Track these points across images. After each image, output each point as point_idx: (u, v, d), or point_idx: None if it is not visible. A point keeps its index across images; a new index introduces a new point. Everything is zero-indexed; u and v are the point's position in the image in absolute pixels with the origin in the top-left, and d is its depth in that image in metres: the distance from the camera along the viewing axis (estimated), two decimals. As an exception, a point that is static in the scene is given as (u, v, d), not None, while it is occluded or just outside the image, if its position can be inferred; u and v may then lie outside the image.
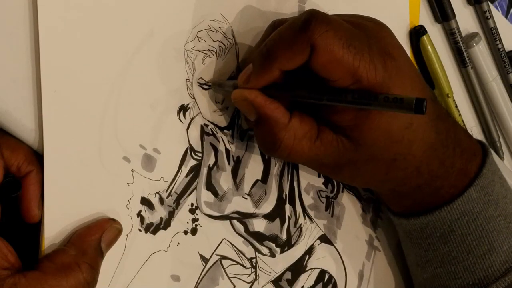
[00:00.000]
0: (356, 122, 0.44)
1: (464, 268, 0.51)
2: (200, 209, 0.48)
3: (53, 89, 0.41)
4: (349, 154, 0.46)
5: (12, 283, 0.38)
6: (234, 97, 0.46)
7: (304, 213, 0.53)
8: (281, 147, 0.45)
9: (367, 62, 0.43)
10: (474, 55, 0.66)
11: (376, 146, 0.45)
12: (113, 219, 0.43)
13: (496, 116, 0.69)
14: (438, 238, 0.51)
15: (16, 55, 0.40)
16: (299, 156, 0.46)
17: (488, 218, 0.50)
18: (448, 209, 0.50)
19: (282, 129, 0.45)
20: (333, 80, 0.43)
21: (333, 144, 0.46)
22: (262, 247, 0.51)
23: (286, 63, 0.43)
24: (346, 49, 0.42)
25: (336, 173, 0.50)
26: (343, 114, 0.45)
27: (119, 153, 0.44)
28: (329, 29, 0.42)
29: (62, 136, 0.42)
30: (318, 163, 0.48)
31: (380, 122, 0.44)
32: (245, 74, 0.45)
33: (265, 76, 0.44)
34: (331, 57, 0.42)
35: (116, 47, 0.44)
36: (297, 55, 0.43)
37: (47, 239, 0.41)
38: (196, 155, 0.48)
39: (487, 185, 0.50)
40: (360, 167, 0.47)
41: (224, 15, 0.49)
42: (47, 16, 0.41)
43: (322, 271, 0.54)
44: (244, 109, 0.46)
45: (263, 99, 0.45)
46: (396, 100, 0.40)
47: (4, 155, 0.40)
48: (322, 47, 0.42)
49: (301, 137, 0.45)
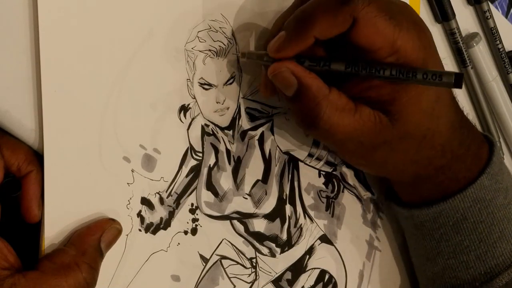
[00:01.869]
0: (392, 96, 0.45)
1: (476, 257, 0.51)
2: (200, 209, 0.48)
3: (53, 89, 0.41)
4: (386, 131, 0.46)
5: (12, 283, 0.38)
6: (273, 69, 0.45)
7: (305, 213, 0.53)
8: (323, 119, 0.45)
9: (405, 34, 0.44)
10: (474, 55, 0.66)
11: (411, 120, 0.46)
12: (113, 219, 0.43)
13: (496, 116, 0.69)
14: (451, 227, 0.51)
15: (16, 55, 0.40)
16: (340, 130, 0.46)
17: (499, 206, 0.51)
18: (461, 196, 0.50)
19: (323, 99, 0.45)
20: (373, 51, 0.44)
21: (371, 119, 0.46)
22: (262, 247, 0.51)
23: (324, 31, 0.44)
24: (388, 20, 0.43)
25: (370, 154, 0.49)
26: (379, 89, 0.45)
27: (119, 153, 0.44)
28: (372, 1, 0.43)
29: (62, 136, 0.42)
30: (356, 140, 0.47)
31: (415, 95, 0.45)
32: (277, 42, 0.45)
33: (299, 43, 0.44)
34: (374, 29, 0.43)
35: (116, 47, 0.44)
36: (337, 25, 0.43)
37: (47, 239, 0.41)
38: (196, 155, 0.48)
39: (497, 173, 0.51)
40: (394, 146, 0.48)
41: (224, 15, 0.49)
42: (47, 16, 0.41)
43: (323, 271, 0.54)
44: (283, 82, 0.46)
45: (302, 69, 0.45)
46: (435, 75, 0.41)
47: (4, 155, 0.40)
48: (366, 19, 0.43)
49: (342, 108, 0.45)
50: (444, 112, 0.48)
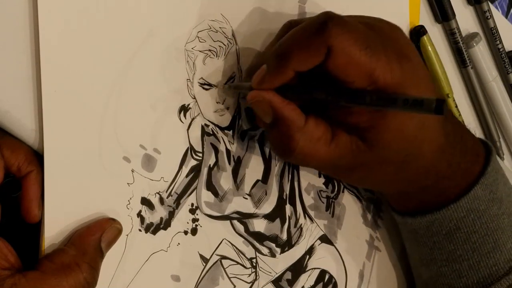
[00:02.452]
0: (371, 123, 0.44)
1: (469, 267, 0.51)
2: (200, 209, 0.48)
3: (53, 89, 0.41)
4: (363, 156, 0.46)
5: (12, 283, 0.38)
6: (250, 98, 0.46)
7: (305, 213, 0.53)
8: (296, 150, 0.45)
9: (384, 63, 0.43)
10: (474, 55, 0.66)
11: (390, 147, 0.45)
12: (113, 219, 0.43)
13: (496, 116, 0.69)
14: (444, 236, 0.51)
15: (16, 55, 0.40)
16: (314, 160, 0.46)
17: (493, 216, 0.50)
18: (455, 207, 0.50)
19: (298, 131, 0.45)
20: (350, 82, 0.43)
21: (347, 146, 0.46)
22: (262, 247, 0.51)
23: (301, 64, 0.43)
24: (363, 51, 0.42)
25: (347, 176, 0.50)
26: (358, 116, 0.45)
27: (119, 153, 0.44)
28: (345, 31, 0.42)
29: (62, 136, 0.42)
30: (332, 166, 0.47)
31: (395, 123, 0.45)
32: (260, 75, 0.45)
33: (279, 77, 0.44)
34: (348, 59, 0.42)
35: (116, 47, 0.44)
36: (313, 57, 0.43)
37: (47, 239, 0.41)
38: (196, 155, 0.48)
39: (491, 183, 0.50)
40: (372, 169, 0.47)
41: (224, 15, 0.49)
42: (47, 16, 0.41)
43: (323, 271, 0.54)
44: (261, 111, 0.46)
45: (280, 99, 0.45)
46: (415, 102, 0.39)
47: (4, 155, 0.40)
48: (339, 49, 0.42)
49: (316, 140, 0.45)
50: (430, 137, 0.47)
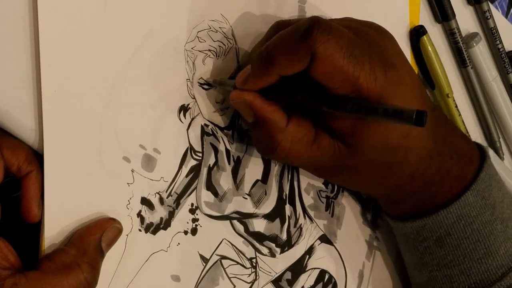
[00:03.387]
0: (354, 129, 0.44)
1: (460, 272, 0.51)
2: (200, 209, 0.48)
3: (53, 89, 0.41)
4: (346, 160, 0.46)
5: (12, 283, 0.38)
6: (232, 98, 0.46)
7: (304, 213, 0.53)
8: (277, 150, 0.45)
9: (368, 72, 0.42)
10: (474, 55, 0.66)
11: (373, 153, 0.45)
12: (113, 218, 0.43)
13: (496, 116, 0.69)
14: (434, 242, 0.51)
15: (16, 55, 0.40)
16: (295, 159, 0.46)
17: (485, 223, 0.50)
18: (445, 213, 0.49)
19: (279, 132, 0.45)
20: (333, 88, 0.43)
21: (330, 149, 0.46)
22: (262, 247, 0.51)
23: (285, 69, 0.43)
24: (347, 59, 0.42)
25: (331, 176, 0.50)
26: (341, 121, 0.45)
27: (119, 153, 0.44)
28: (330, 38, 0.42)
29: (62, 136, 0.42)
30: (314, 166, 0.48)
31: (378, 131, 0.44)
32: (243, 75, 0.45)
33: (263, 79, 0.44)
34: (331, 66, 0.42)
35: (116, 47, 0.44)
36: (296, 62, 0.42)
37: (47, 239, 0.41)
38: (196, 155, 0.48)
39: (484, 189, 0.50)
40: (356, 172, 0.47)
41: (224, 15, 0.49)
42: (47, 16, 0.41)
43: (322, 271, 0.54)
44: (242, 111, 0.46)
45: (261, 101, 0.45)
46: (395, 112, 0.39)
47: (4, 155, 0.40)
48: (323, 56, 0.41)
49: (298, 141, 0.45)
50: (416, 144, 0.47)
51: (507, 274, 0.50)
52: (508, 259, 0.50)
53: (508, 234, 0.51)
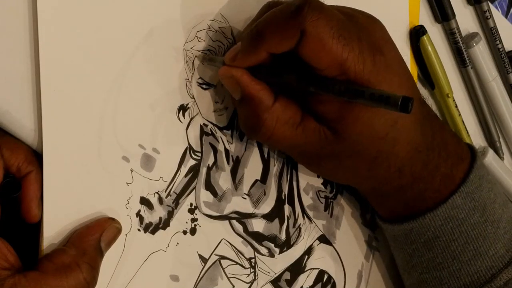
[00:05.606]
0: (340, 114, 0.44)
1: (450, 274, 0.50)
2: (199, 209, 0.48)
3: (53, 89, 0.41)
4: (331, 147, 0.46)
5: (12, 283, 0.38)
6: (220, 74, 0.46)
7: (303, 213, 0.53)
8: (262, 129, 0.45)
9: (356, 55, 0.42)
10: (474, 55, 0.66)
11: (359, 141, 0.45)
12: (112, 218, 0.43)
13: (496, 116, 0.69)
14: (422, 244, 0.51)
15: (16, 55, 0.40)
16: (279, 141, 0.46)
17: (474, 224, 0.49)
18: (432, 215, 0.49)
19: (265, 111, 0.45)
20: (320, 69, 0.43)
21: (315, 134, 0.45)
22: (261, 247, 0.51)
23: (274, 46, 0.43)
24: (336, 39, 0.42)
25: (317, 164, 0.49)
26: (328, 105, 0.44)
27: (118, 153, 0.44)
28: (320, 17, 0.42)
29: (61, 136, 0.42)
30: (298, 150, 0.47)
31: (364, 117, 0.44)
32: (233, 51, 0.45)
33: (252, 57, 0.44)
34: (320, 45, 0.42)
35: (115, 47, 0.44)
36: (286, 40, 0.42)
37: (46, 239, 0.41)
38: (195, 155, 0.48)
39: (473, 191, 0.49)
40: (342, 161, 0.47)
41: (223, 15, 0.49)
42: (46, 16, 0.41)
43: (321, 271, 0.54)
44: (230, 87, 0.46)
45: (249, 79, 0.45)
46: (382, 97, 0.39)
47: (4, 155, 0.40)
48: (312, 34, 0.41)
49: (283, 122, 0.45)
50: (403, 136, 0.46)
51: (497, 275, 0.49)
52: (498, 261, 0.50)
53: (499, 235, 0.50)
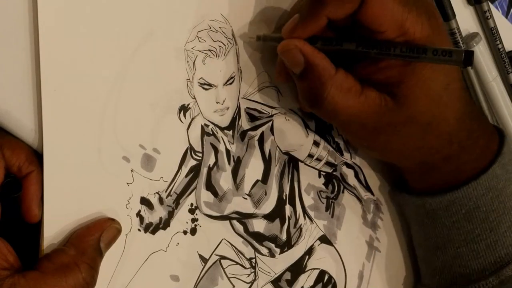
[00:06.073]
0: (400, 78, 0.46)
1: (487, 246, 0.51)
2: (199, 209, 0.48)
3: (53, 89, 0.41)
4: (390, 114, 0.47)
5: (11, 283, 0.38)
6: (282, 46, 0.46)
7: (304, 214, 0.53)
8: (327, 99, 0.46)
9: (414, 17, 0.44)
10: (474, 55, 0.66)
11: (417, 104, 0.47)
12: (112, 218, 0.43)
13: (496, 116, 0.69)
14: (463, 215, 0.52)
15: (16, 55, 0.40)
16: (343, 111, 0.47)
17: (509, 195, 0.51)
18: (475, 185, 0.51)
19: (329, 79, 0.46)
20: (381, 32, 0.44)
21: (376, 102, 0.47)
22: (261, 247, 0.51)
23: (335, 11, 0.44)
24: (397, 1, 0.44)
25: (373, 137, 0.50)
26: (386, 71, 0.46)
27: (118, 153, 0.44)
28: None
29: (61, 136, 0.42)
30: (359, 121, 0.48)
31: (422, 79, 0.46)
32: (292, 23, 0.46)
33: (312, 24, 0.45)
34: (382, 7, 0.43)
35: (116, 47, 0.44)
36: (348, 3, 0.44)
37: (46, 239, 0.41)
38: (196, 155, 0.48)
39: (507, 162, 0.51)
40: (399, 131, 0.48)
41: (224, 15, 0.49)
42: (47, 16, 0.41)
43: (322, 271, 0.54)
44: (291, 60, 0.46)
45: (311, 48, 0.46)
46: (445, 52, 0.41)
47: (5, 155, 0.40)
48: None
49: (347, 90, 0.46)
50: (453, 101, 0.48)
51: None
52: None
53: None
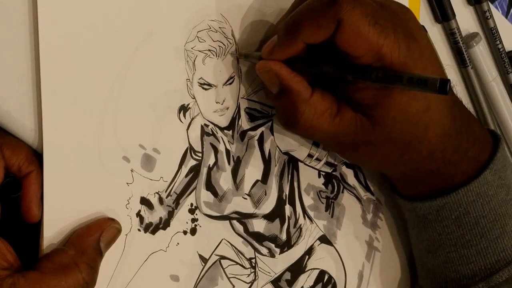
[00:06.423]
0: (376, 100, 0.45)
1: (477, 252, 0.51)
2: (199, 209, 0.48)
3: (53, 89, 0.41)
4: (367, 134, 0.47)
5: (11, 283, 0.38)
6: (258, 68, 0.47)
7: (304, 214, 0.53)
8: (301, 121, 0.46)
9: (392, 41, 0.44)
10: (474, 55, 0.66)
11: (394, 126, 0.46)
12: (112, 218, 0.43)
13: (496, 116, 0.69)
14: (453, 221, 0.51)
15: (16, 55, 0.40)
16: (318, 132, 0.47)
17: (501, 202, 0.51)
18: (465, 190, 0.50)
19: (303, 102, 0.46)
20: (357, 57, 0.44)
21: (352, 123, 0.47)
22: (261, 247, 0.51)
23: (311, 36, 0.44)
24: (372, 26, 0.43)
25: (352, 153, 0.50)
26: (364, 92, 0.45)
27: (118, 153, 0.44)
28: (356, 6, 0.43)
29: (61, 136, 0.42)
30: (335, 141, 0.48)
31: (399, 102, 0.45)
32: (270, 45, 0.46)
33: (289, 48, 0.45)
34: (357, 33, 0.43)
35: (116, 47, 0.44)
36: (323, 29, 0.43)
37: (46, 239, 0.41)
38: (196, 155, 0.48)
39: (500, 169, 0.51)
40: (377, 147, 0.48)
41: (224, 15, 0.49)
42: (47, 16, 0.41)
43: (322, 271, 0.54)
44: (268, 81, 0.47)
45: (287, 71, 0.46)
46: (420, 80, 0.40)
47: (5, 155, 0.40)
48: (349, 23, 0.42)
49: (321, 113, 0.46)
50: (435, 121, 0.48)
51: None
52: None
53: None
